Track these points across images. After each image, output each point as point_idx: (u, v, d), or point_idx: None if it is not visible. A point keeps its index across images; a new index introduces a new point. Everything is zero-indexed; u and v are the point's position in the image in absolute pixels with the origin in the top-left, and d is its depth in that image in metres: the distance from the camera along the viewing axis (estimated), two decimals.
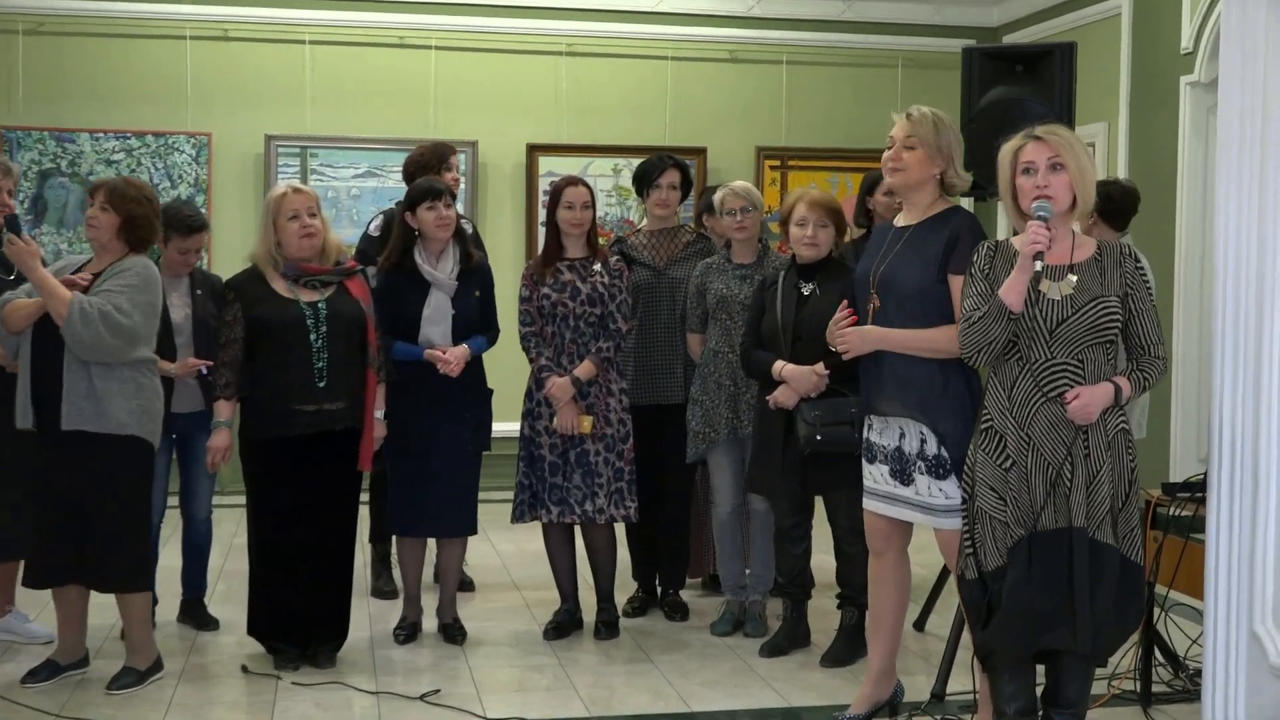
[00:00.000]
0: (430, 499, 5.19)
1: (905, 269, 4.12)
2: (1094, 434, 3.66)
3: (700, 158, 8.44)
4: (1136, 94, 7.32)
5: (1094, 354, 3.66)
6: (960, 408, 4.06)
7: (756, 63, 8.61)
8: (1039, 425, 3.67)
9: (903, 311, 4.11)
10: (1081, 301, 3.65)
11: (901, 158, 4.16)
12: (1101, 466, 3.64)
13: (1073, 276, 3.68)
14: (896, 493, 4.19)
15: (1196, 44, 6.80)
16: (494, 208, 8.35)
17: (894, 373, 4.12)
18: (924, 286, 4.09)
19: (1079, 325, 3.64)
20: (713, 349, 5.43)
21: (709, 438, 5.42)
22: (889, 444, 4.20)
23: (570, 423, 5.25)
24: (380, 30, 8.15)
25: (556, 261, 5.36)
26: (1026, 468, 3.67)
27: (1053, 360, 3.66)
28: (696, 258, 5.68)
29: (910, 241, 4.16)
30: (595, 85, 8.41)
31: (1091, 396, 3.62)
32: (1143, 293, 3.71)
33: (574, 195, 5.34)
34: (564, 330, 5.31)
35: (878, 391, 4.19)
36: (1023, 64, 5.05)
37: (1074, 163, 3.69)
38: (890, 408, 4.16)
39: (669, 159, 5.76)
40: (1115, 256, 3.72)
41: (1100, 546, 3.62)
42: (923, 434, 4.10)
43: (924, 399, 4.09)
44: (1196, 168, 6.83)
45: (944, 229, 4.12)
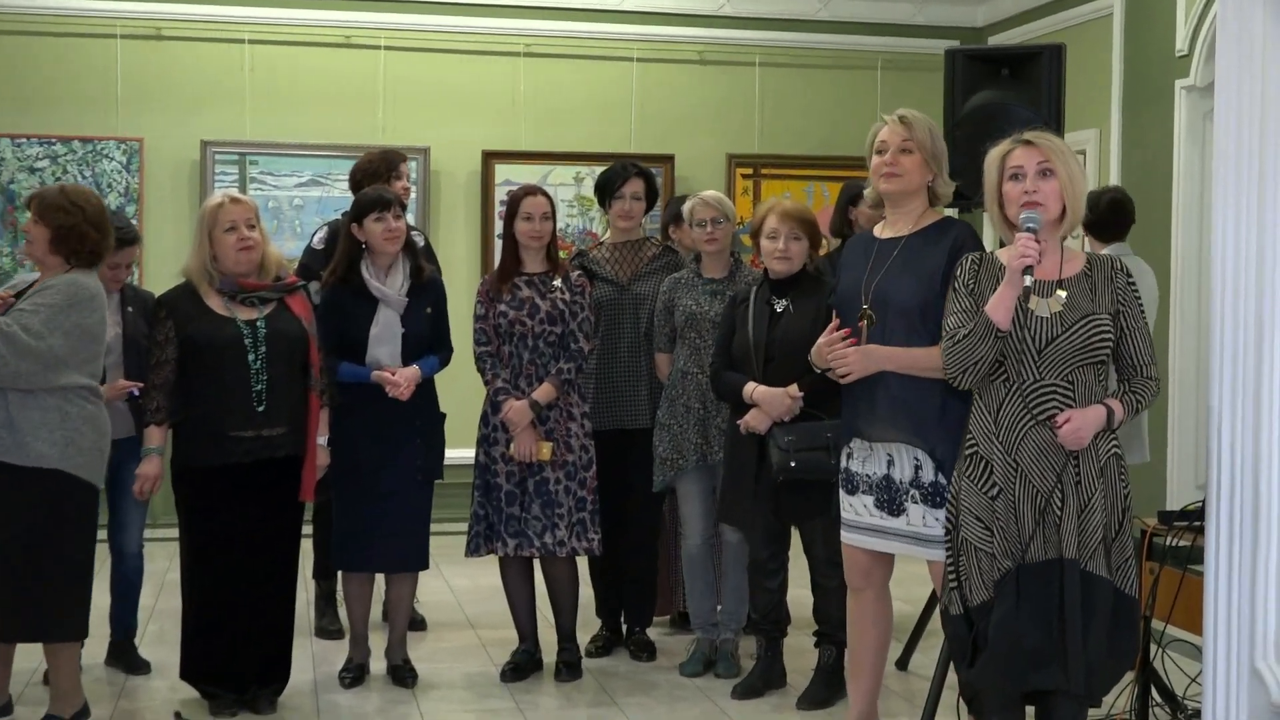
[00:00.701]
0: (378, 531, 5.16)
1: (902, 283, 4.13)
2: (1085, 459, 3.67)
3: (668, 165, 8.45)
4: (1129, 98, 7.38)
5: (1085, 375, 3.68)
6: (958, 431, 4.05)
7: (727, 64, 8.64)
8: (1027, 450, 3.68)
9: (900, 329, 4.11)
10: (1072, 319, 3.66)
11: (899, 162, 4.17)
12: (1093, 494, 3.65)
13: (1062, 293, 3.69)
14: (884, 525, 4.19)
15: (1192, 46, 6.86)
16: (447, 219, 8.33)
17: (892, 395, 4.12)
18: (924, 302, 4.09)
19: (1069, 345, 3.65)
20: (681, 369, 5.43)
21: (677, 464, 5.42)
22: (875, 472, 4.20)
23: (528, 449, 5.24)
24: (325, 29, 8.14)
25: (514, 276, 5.35)
26: (1014, 496, 3.68)
27: (1041, 381, 3.67)
28: (663, 272, 5.69)
29: (904, 254, 4.17)
30: (555, 88, 8.42)
31: (1083, 420, 3.63)
32: (1135, 309, 3.73)
33: (533, 206, 5.33)
34: (522, 350, 5.30)
35: (868, 416, 4.18)
36: (1009, 67, 5.08)
37: (1064, 169, 3.72)
38: (881, 433, 4.16)
39: (632, 167, 5.77)
40: (1106, 271, 3.74)
41: (1092, 579, 3.63)
42: (917, 460, 4.11)
43: (921, 423, 4.09)
44: (1192, 176, 6.88)
45: (942, 241, 4.14)
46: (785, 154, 8.66)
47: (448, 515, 6.82)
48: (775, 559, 5.16)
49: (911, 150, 4.17)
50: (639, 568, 5.77)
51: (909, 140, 4.17)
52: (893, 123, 4.21)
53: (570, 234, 8.30)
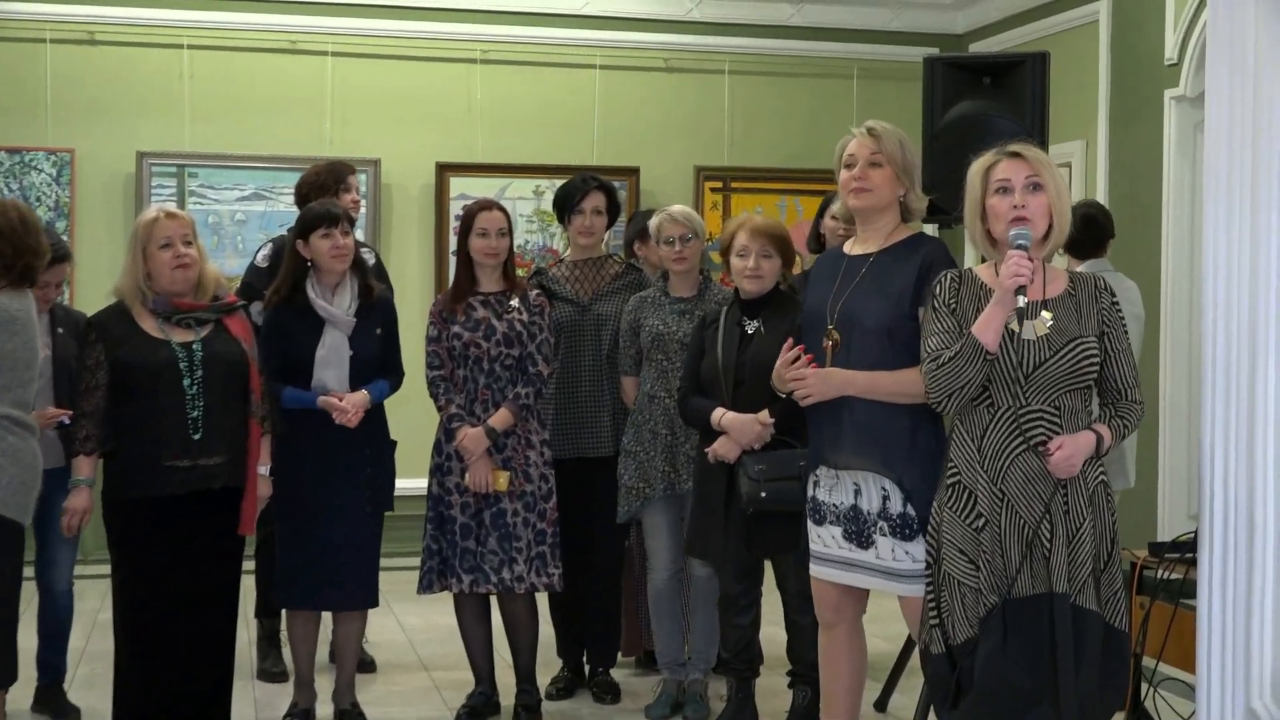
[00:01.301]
0: (325, 567, 5.13)
1: (869, 303, 4.14)
2: (1073, 488, 3.68)
3: (632, 178, 8.47)
4: (1116, 109, 7.43)
5: (1071, 400, 3.69)
6: (928, 461, 4.08)
7: (695, 72, 8.66)
8: (1014, 479, 3.68)
9: (867, 351, 4.12)
10: (1059, 342, 3.68)
11: (869, 176, 4.18)
12: (1082, 523, 3.66)
13: (1048, 315, 3.70)
14: (852, 557, 4.20)
15: (1181, 54, 6.92)
16: (398, 235, 8.32)
17: (857, 421, 4.13)
18: (893, 323, 4.10)
19: (1057, 369, 3.67)
20: (647, 394, 5.43)
21: (643, 494, 5.41)
22: (842, 502, 4.21)
23: (484, 479, 5.23)
24: (269, 33, 8.12)
25: (469, 296, 5.35)
26: (1000, 527, 3.68)
27: (1028, 407, 3.69)
28: (625, 291, 5.69)
29: (873, 272, 4.18)
30: (513, 97, 8.42)
31: (1075, 447, 3.65)
32: (1119, 331, 3.75)
33: (489, 221, 5.33)
34: (477, 374, 5.29)
35: (833, 443, 4.19)
36: (990, 75, 5.12)
37: (1053, 183, 3.73)
38: (847, 461, 4.17)
39: (592, 180, 5.77)
40: (1090, 291, 3.76)
41: (1084, 613, 3.64)
42: (885, 490, 4.12)
43: (889, 451, 4.10)
44: (1183, 191, 6.93)
45: (912, 258, 4.15)
46: (756, 166, 8.69)
47: (399, 549, 6.79)
48: (747, 594, 5.15)
49: (880, 164, 4.19)
50: (602, 604, 5.76)
51: (877, 153, 4.19)
52: (860, 135, 4.23)
53: (529, 251, 8.30)
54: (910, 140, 4.26)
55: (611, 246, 7.36)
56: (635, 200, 8.36)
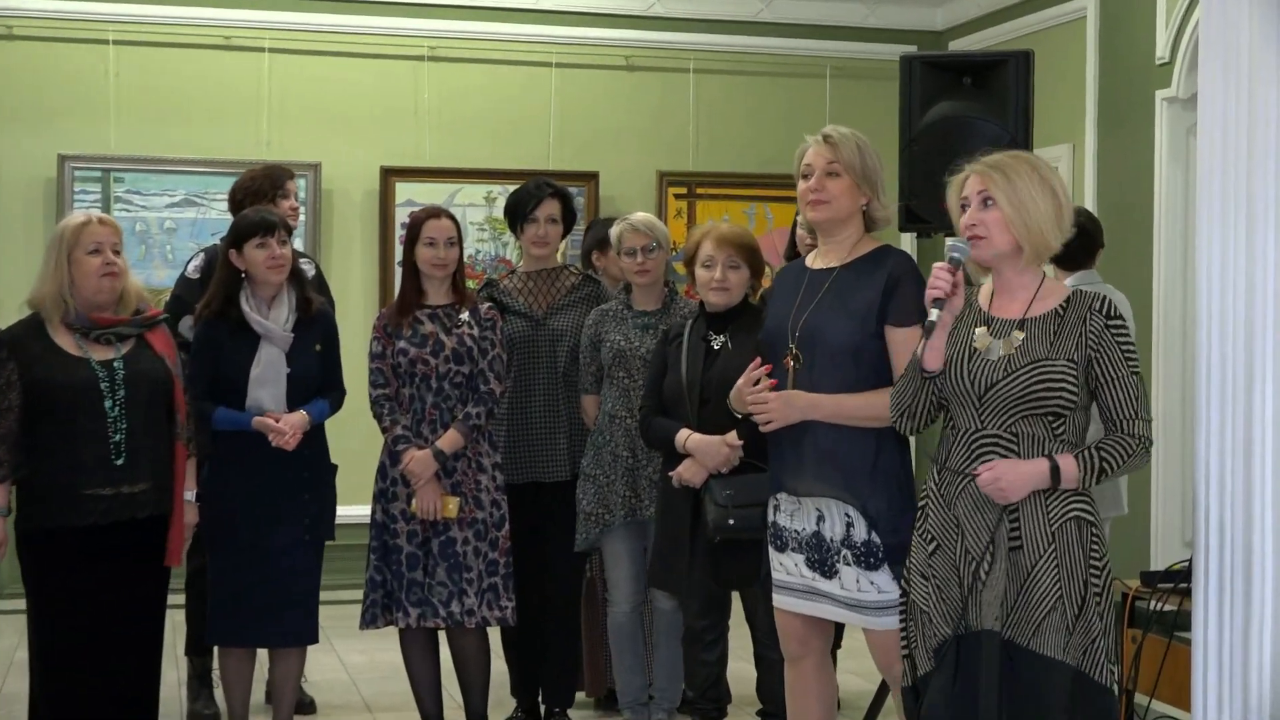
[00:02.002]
0: (260, 601, 5.11)
1: (833, 321, 4.16)
2: (1028, 521, 3.66)
3: (590, 184, 8.47)
4: (1105, 111, 7.48)
5: (1031, 427, 3.67)
6: (892, 485, 4.12)
7: (658, 71, 8.68)
8: (964, 504, 3.72)
9: (831, 371, 4.15)
10: (1018, 364, 3.67)
11: (825, 187, 4.20)
12: (1038, 561, 3.63)
13: (1019, 334, 3.70)
14: (816, 586, 4.21)
15: (1173, 53, 6.96)
16: (340, 244, 8.30)
17: (820, 447, 4.15)
18: (858, 342, 4.13)
19: (1008, 392, 3.66)
20: (608, 413, 5.43)
21: (603, 521, 5.41)
22: (804, 528, 4.22)
23: (432, 505, 5.22)
24: (201, 28, 8.10)
25: (415, 309, 5.34)
26: (953, 553, 3.73)
27: (983, 430, 3.71)
28: (582, 304, 5.69)
29: (836, 288, 4.21)
30: (463, 97, 8.42)
31: (1008, 471, 3.63)
32: (1114, 354, 3.67)
33: (437, 229, 5.33)
34: (424, 393, 5.29)
35: (795, 468, 4.21)
36: (971, 75, 5.14)
37: (1008, 197, 3.68)
38: (809, 487, 4.19)
39: (547, 186, 5.78)
40: (1081, 311, 3.70)
41: (1041, 661, 3.59)
42: (849, 516, 4.13)
43: (852, 476, 4.13)
44: (1175, 197, 6.97)
45: (877, 272, 4.18)
46: (723, 171, 8.71)
47: (340, 581, 6.76)
48: (713, 629, 5.15)
49: (838, 173, 4.21)
50: (559, 640, 5.75)
51: (834, 162, 4.21)
52: (817, 143, 4.25)
53: (480, 261, 8.29)
54: (871, 145, 4.27)
55: (568, 257, 7.35)
56: (593, 207, 8.37)
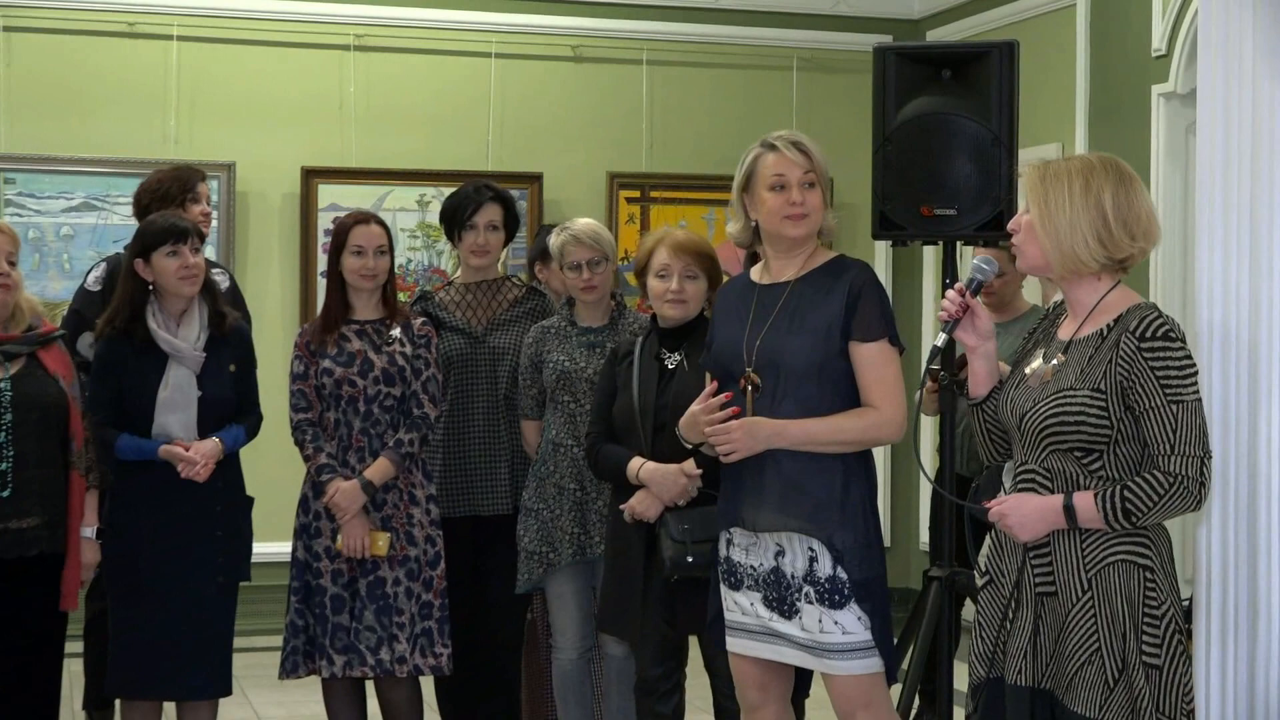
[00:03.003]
0: (167, 649, 5.09)
1: (792, 340, 4.19)
2: (1062, 564, 3.66)
3: (534, 186, 8.47)
4: (1097, 107, 7.52)
5: (1062, 463, 3.66)
6: (861, 517, 4.15)
7: (608, 62, 8.69)
8: (1005, 541, 3.77)
9: (794, 395, 4.17)
10: (1046, 393, 3.68)
11: (809, 201, 4.26)
12: (1072, 609, 3.63)
13: (1061, 358, 3.71)
14: (774, 627, 4.23)
15: (1171, 45, 7.01)
16: (257, 253, 8.27)
17: (783, 475, 4.17)
18: (822, 361, 4.16)
19: (1033, 424, 3.68)
20: (552, 441, 5.43)
21: (547, 560, 5.40)
22: (761, 564, 4.24)
23: (359, 542, 5.21)
24: (102, 14, 8.06)
25: (341, 325, 5.34)
26: (998, 590, 3.77)
27: (1025, 464, 3.74)
28: (526, 319, 5.70)
29: (792, 304, 4.24)
30: (394, 90, 8.41)
31: (1015, 506, 3.66)
32: (1150, 382, 3.57)
33: (365, 237, 5.33)
34: (351, 417, 5.29)
35: (755, 500, 4.23)
36: (951, 68, 5.17)
37: (1036, 204, 3.69)
38: (769, 521, 4.20)
39: (487, 190, 5.78)
40: (1120, 332, 3.63)
41: (1071, 718, 3.60)
42: (812, 550, 4.15)
43: (818, 507, 4.15)
44: (1174, 201, 7.01)
45: (836, 285, 4.22)
46: (680, 173, 8.72)
47: (257, 626, 6.73)
48: (669, 677, 5.14)
49: (815, 184, 4.26)
50: (499, 690, 5.74)
51: (811, 172, 4.26)
52: (788, 150, 4.27)
53: (412, 272, 8.28)
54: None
55: (509, 267, 7.35)
56: (537, 212, 8.37)
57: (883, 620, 4.20)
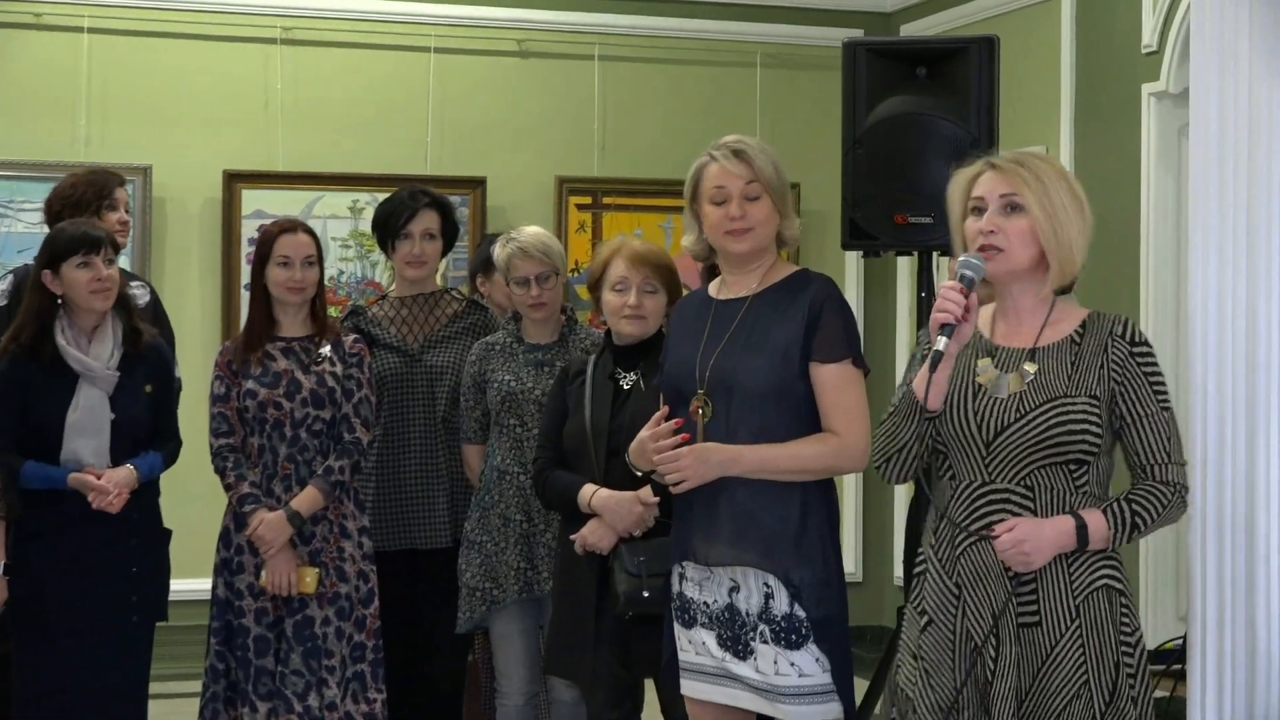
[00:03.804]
0: (77, 693, 5.07)
1: (748, 360, 4.19)
2: (1047, 593, 3.64)
3: (476, 192, 8.46)
4: (1083, 107, 7.56)
5: (1049, 479, 3.65)
6: (820, 550, 4.15)
7: (557, 58, 8.70)
8: (965, 571, 3.69)
9: (749, 420, 4.18)
10: (1034, 403, 3.65)
11: (748, 213, 4.25)
12: (1058, 642, 3.62)
13: (1030, 367, 3.69)
14: (730, 668, 4.24)
15: (1162, 40, 7.04)
16: (175, 263, 8.24)
17: (737, 505, 4.18)
18: (780, 383, 4.16)
19: (1023, 437, 3.64)
20: (497, 468, 5.43)
21: (491, 597, 5.40)
22: (715, 600, 4.25)
23: (286, 578, 5.20)
24: (7, 5, 8.03)
25: (266, 342, 5.34)
26: (949, 631, 3.71)
27: (990, 484, 3.68)
28: (466, 336, 5.70)
29: (749, 321, 4.25)
30: (324, 87, 8.39)
31: (1032, 532, 3.60)
32: (1143, 389, 3.64)
33: (292, 246, 5.34)
34: (277, 443, 5.28)
35: (707, 532, 4.23)
36: (926, 65, 5.21)
37: (1040, 202, 3.69)
38: (721, 555, 4.21)
39: (423, 195, 5.79)
40: (1102, 337, 3.68)
41: None
42: (768, 586, 4.16)
43: (774, 540, 4.15)
44: (1165, 208, 7.04)
45: (796, 301, 4.22)
46: (634, 178, 8.72)
47: (174, 670, 6.70)
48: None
49: (759, 195, 4.26)
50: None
51: (754, 183, 4.26)
52: (726, 160, 4.29)
53: (344, 284, 8.26)
54: (777, 155, 4.32)
55: (449, 279, 7.35)
56: (480, 220, 8.36)
57: (843, 662, 4.20)
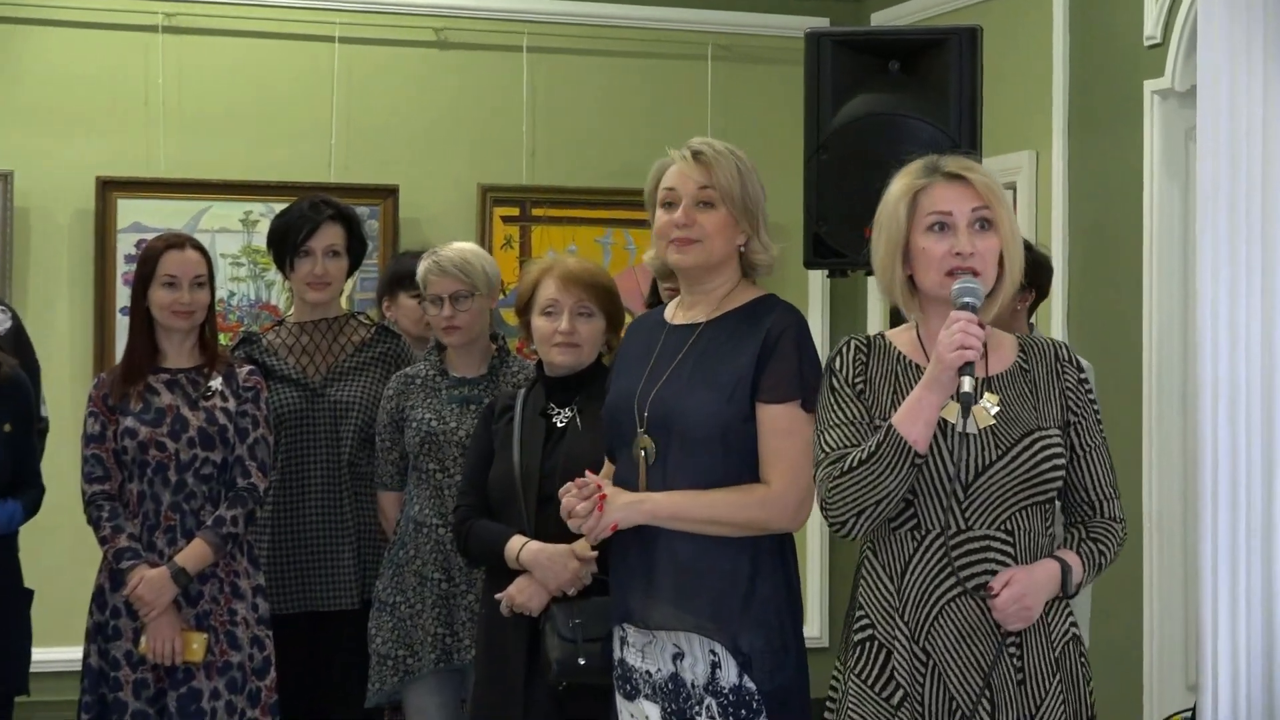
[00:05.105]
0: None
1: (694, 395, 4.20)
2: (1031, 648, 3.72)
3: (388, 202, 8.46)
4: (1078, 107, 7.60)
5: (1029, 521, 3.72)
6: (773, 614, 4.15)
7: (480, 49, 8.70)
8: (944, 635, 3.72)
9: (690, 465, 4.18)
10: (1011, 438, 3.71)
11: (696, 221, 4.25)
12: (1044, 700, 3.70)
13: (992, 397, 3.74)
14: None
15: (1166, 32, 7.07)
16: (40, 283, 8.20)
17: (678, 563, 4.18)
18: (727, 424, 4.17)
19: (1009, 477, 3.70)
20: (413, 519, 5.43)
21: (405, 666, 5.40)
22: (658, 669, 4.26)
23: (169, 645, 5.19)
24: None
25: (148, 374, 5.34)
26: (923, 703, 3.73)
27: (967, 531, 3.71)
28: (376, 367, 5.71)
29: (699, 351, 4.26)
30: (212, 82, 8.38)
31: (1030, 583, 3.67)
32: (1090, 418, 3.80)
33: (179, 265, 5.35)
34: (160, 489, 5.28)
35: (646, 591, 4.23)
36: (900, 58, 5.23)
37: (1008, 219, 3.77)
38: (663, 617, 4.21)
39: (326, 207, 5.80)
40: (1049, 363, 3.80)
41: None
42: (715, 655, 4.17)
43: (720, 603, 4.15)
44: (1171, 222, 7.06)
45: (752, 331, 4.22)
46: (568, 186, 8.73)
47: None
48: None
49: (713, 203, 4.26)
50: None
51: (708, 188, 4.26)
52: (683, 161, 4.30)
53: (236, 308, 8.24)
54: (752, 165, 4.32)
55: (356, 302, 7.35)
56: (391, 234, 8.35)
57: None
